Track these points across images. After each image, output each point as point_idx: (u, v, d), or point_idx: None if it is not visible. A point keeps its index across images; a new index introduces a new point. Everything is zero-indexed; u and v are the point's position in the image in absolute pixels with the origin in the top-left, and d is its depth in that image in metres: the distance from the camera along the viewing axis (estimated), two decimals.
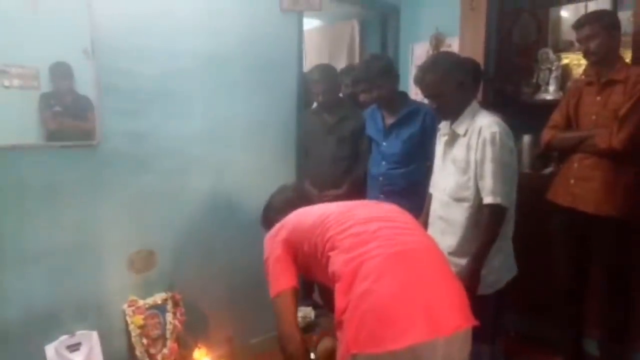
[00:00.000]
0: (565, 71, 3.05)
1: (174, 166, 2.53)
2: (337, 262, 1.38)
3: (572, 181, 2.39)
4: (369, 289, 1.26)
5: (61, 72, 2.16)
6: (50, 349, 2.19)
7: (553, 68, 3.03)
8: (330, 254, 1.42)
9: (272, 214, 1.90)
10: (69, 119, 2.21)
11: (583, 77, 2.57)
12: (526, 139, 2.99)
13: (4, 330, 2.09)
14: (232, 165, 2.74)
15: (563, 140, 2.44)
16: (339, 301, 1.31)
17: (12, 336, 2.11)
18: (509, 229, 1.94)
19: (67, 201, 2.23)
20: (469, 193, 1.89)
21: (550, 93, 3.03)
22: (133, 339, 2.38)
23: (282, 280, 1.57)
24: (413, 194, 2.47)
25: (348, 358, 1.26)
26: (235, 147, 2.76)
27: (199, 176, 2.63)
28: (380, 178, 2.64)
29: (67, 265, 2.24)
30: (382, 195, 2.60)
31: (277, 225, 1.69)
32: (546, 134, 2.49)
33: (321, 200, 2.86)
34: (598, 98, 2.35)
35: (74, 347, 2.24)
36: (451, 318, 1.27)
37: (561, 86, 3.00)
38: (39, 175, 2.15)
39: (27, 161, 2.11)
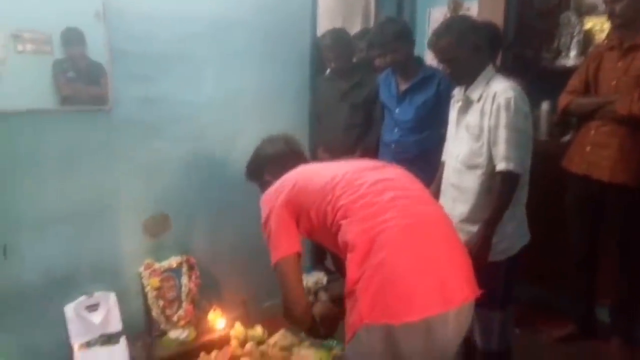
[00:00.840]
0: (588, 36, 2.95)
1: (186, 132, 2.54)
2: (350, 232, 1.35)
3: (587, 148, 2.35)
4: (385, 260, 1.26)
5: (73, 37, 2.16)
6: (69, 310, 2.27)
7: (575, 33, 2.93)
8: (342, 222, 1.38)
9: (260, 166, 1.78)
10: (82, 84, 2.22)
11: (605, 42, 2.48)
12: (544, 105, 2.93)
13: (24, 292, 2.17)
14: (244, 132, 2.74)
15: (581, 105, 2.38)
16: (352, 271, 1.30)
17: (32, 297, 2.19)
18: (522, 196, 1.92)
19: (82, 166, 2.26)
20: (482, 160, 1.86)
21: (571, 59, 2.94)
22: (149, 301, 2.45)
23: (285, 245, 1.48)
24: (426, 161, 2.45)
25: (360, 328, 1.25)
26: (248, 114, 2.75)
27: (212, 143, 2.64)
28: (393, 145, 2.62)
29: (83, 229, 2.30)
30: (394, 163, 2.58)
31: (277, 185, 1.57)
32: (563, 99, 2.44)
33: None
34: (619, 63, 2.28)
35: (92, 308, 2.32)
36: (461, 290, 1.29)
37: (583, 52, 2.90)
38: (54, 140, 2.18)
39: (42, 126, 2.14)
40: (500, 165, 1.79)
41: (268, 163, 1.74)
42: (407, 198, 1.42)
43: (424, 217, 1.38)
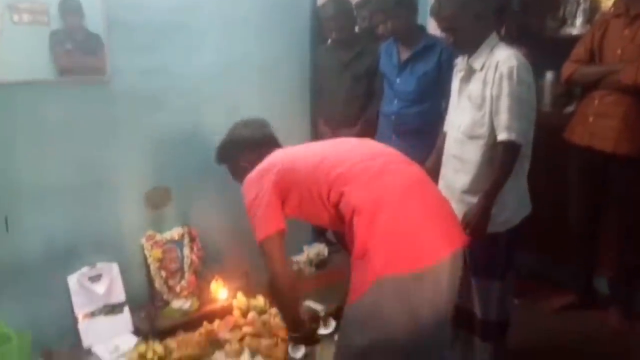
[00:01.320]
0: (594, 4, 2.87)
1: (186, 104, 2.52)
2: (355, 197, 1.41)
3: (591, 119, 2.32)
4: (392, 218, 1.35)
5: (71, 8, 2.14)
6: (72, 280, 2.29)
7: (581, 0, 2.87)
8: (345, 189, 1.43)
9: (236, 150, 1.79)
10: (80, 56, 2.20)
11: (612, 9, 2.43)
12: (549, 75, 2.88)
13: (27, 263, 2.19)
14: (244, 104, 2.72)
15: (585, 74, 2.34)
16: (362, 233, 1.34)
17: (35, 268, 2.21)
18: (524, 167, 1.90)
19: (82, 138, 2.26)
20: (484, 130, 1.84)
21: (576, 27, 2.87)
22: (152, 272, 2.47)
23: (270, 223, 1.53)
24: (427, 133, 2.43)
25: (374, 282, 1.30)
26: (248, 85, 2.73)
27: (212, 114, 2.62)
28: (393, 117, 2.58)
29: (84, 201, 2.31)
30: (394, 136, 2.55)
31: (260, 168, 1.61)
32: (567, 68, 2.40)
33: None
34: (626, 31, 2.23)
35: (95, 279, 2.35)
36: (456, 236, 1.44)
37: (589, 20, 2.83)
38: (53, 112, 2.17)
39: (40, 97, 2.13)
40: (502, 136, 1.77)
41: (245, 148, 1.74)
42: (398, 163, 1.56)
43: (415, 177, 1.52)
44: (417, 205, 1.41)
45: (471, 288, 1.94)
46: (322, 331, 1.86)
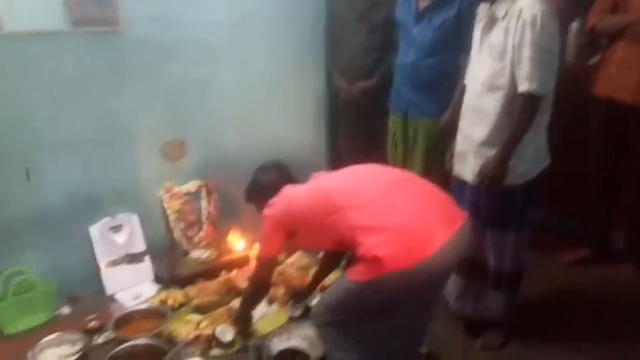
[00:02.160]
0: None
1: (200, 55, 2.50)
2: (357, 225, 1.53)
3: (613, 70, 2.26)
4: (393, 222, 1.48)
5: None
6: (94, 230, 2.36)
7: None
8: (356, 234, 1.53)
9: (254, 194, 1.97)
10: (93, 6, 2.18)
11: None
12: (574, 25, 2.79)
13: (49, 214, 2.25)
14: (258, 56, 2.69)
15: (609, 24, 2.27)
16: (366, 242, 1.46)
17: (57, 219, 2.27)
18: (544, 119, 1.87)
19: (97, 89, 2.26)
20: (504, 81, 1.80)
21: None
22: (171, 223, 2.53)
23: (274, 248, 1.81)
24: (442, 86, 2.38)
25: (380, 275, 1.42)
26: (262, 35, 2.69)
27: (226, 66, 2.60)
28: (409, 69, 2.52)
29: (102, 153, 2.34)
30: (409, 88, 2.51)
31: (274, 203, 1.75)
32: (591, 18, 2.32)
33: (350, 92, 2.81)
34: None
35: (116, 229, 2.41)
36: (455, 216, 1.55)
37: None
38: (68, 63, 2.17)
39: (54, 48, 2.12)
40: (523, 86, 1.73)
41: (265, 192, 1.86)
42: (387, 177, 1.70)
43: (401, 177, 1.69)
44: (411, 202, 1.55)
45: (485, 239, 1.95)
46: None
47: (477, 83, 1.91)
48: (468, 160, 1.93)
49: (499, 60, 1.81)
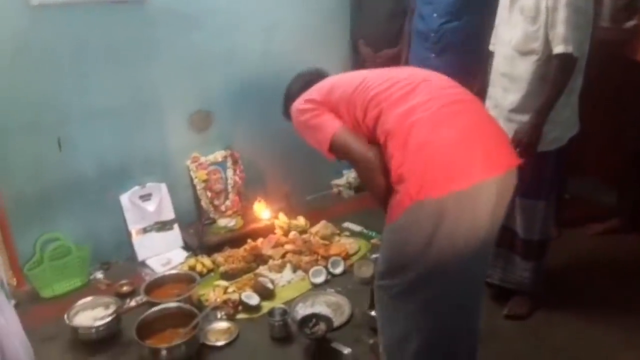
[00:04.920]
0: None
1: (223, 24, 2.49)
2: (389, 120, 1.36)
3: None
4: (427, 140, 1.29)
5: None
6: (124, 198, 2.41)
7: None
8: (382, 106, 1.39)
9: (289, 103, 1.73)
10: None
11: None
12: None
13: (81, 182, 2.31)
14: (281, 24, 2.66)
15: None
16: (396, 157, 1.32)
17: (89, 186, 2.33)
18: (577, 82, 1.82)
19: (124, 60, 2.28)
20: (538, 44, 1.74)
21: None
22: (198, 192, 2.56)
23: (327, 126, 1.47)
24: (467, 51, 2.32)
25: (409, 207, 1.28)
26: (286, 4, 2.66)
27: (249, 35, 2.58)
28: (432, 34, 2.45)
29: (130, 123, 2.37)
30: (433, 55, 2.44)
31: (305, 94, 1.58)
32: None
33: (374, 61, 2.77)
34: None
35: (146, 197, 2.46)
36: (504, 157, 1.33)
37: None
38: (95, 34, 2.19)
39: (81, 19, 2.14)
40: (558, 48, 1.67)
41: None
42: (439, 80, 1.46)
43: (458, 97, 1.41)
44: (454, 125, 1.32)
45: (514, 206, 1.92)
46: None
47: (507, 47, 1.86)
48: None
49: (532, 23, 1.76)
